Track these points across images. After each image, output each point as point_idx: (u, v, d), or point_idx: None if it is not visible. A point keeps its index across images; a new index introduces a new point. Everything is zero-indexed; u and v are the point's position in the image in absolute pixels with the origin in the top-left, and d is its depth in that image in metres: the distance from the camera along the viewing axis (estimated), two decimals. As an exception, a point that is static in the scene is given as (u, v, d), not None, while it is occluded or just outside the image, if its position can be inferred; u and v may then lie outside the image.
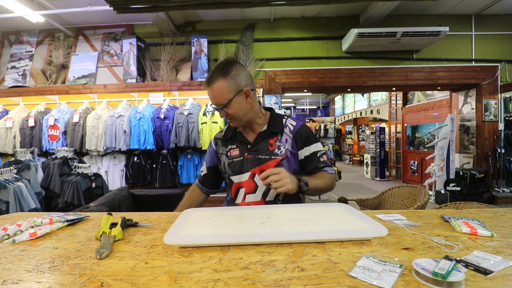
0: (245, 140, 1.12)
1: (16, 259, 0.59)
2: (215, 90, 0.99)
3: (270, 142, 1.09)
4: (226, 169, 1.12)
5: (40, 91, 4.18)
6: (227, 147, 1.14)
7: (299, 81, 4.30)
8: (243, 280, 0.49)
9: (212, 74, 1.00)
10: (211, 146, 1.22)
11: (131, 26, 4.54)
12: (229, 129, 1.17)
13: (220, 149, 1.16)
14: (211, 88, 1.00)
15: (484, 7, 4.16)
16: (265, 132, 1.10)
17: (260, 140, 1.10)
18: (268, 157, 1.06)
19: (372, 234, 0.67)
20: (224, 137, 1.17)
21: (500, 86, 4.29)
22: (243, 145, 1.11)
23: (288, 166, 1.07)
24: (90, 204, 1.77)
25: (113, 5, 3.15)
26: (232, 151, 1.12)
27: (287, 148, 1.08)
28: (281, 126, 1.12)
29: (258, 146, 1.09)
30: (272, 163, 1.06)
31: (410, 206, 1.96)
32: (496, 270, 0.51)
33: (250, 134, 1.13)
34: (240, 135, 1.13)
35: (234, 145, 1.12)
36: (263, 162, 1.06)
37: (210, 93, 1.01)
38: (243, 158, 1.09)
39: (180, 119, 3.71)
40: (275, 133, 1.10)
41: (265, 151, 1.08)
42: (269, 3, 3.20)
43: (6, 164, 2.87)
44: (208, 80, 1.00)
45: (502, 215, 0.89)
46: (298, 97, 12.40)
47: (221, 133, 1.21)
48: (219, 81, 0.98)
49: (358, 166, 10.28)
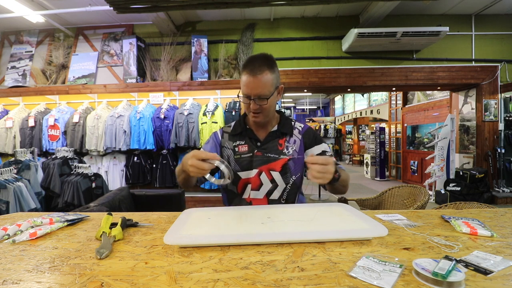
0: (256, 137, 1.12)
1: (16, 259, 0.59)
2: (261, 81, 0.98)
3: (280, 142, 1.11)
4: (233, 164, 1.11)
5: (40, 91, 4.18)
6: (234, 142, 1.14)
7: (299, 81, 4.30)
8: (243, 280, 0.49)
9: (256, 64, 0.98)
10: (217, 137, 1.19)
11: (131, 26, 4.54)
12: (238, 125, 1.17)
13: (226, 142, 1.16)
14: (256, 78, 0.97)
15: (484, 7, 4.16)
16: (276, 132, 1.12)
17: (270, 139, 1.11)
18: (277, 156, 1.08)
19: (372, 234, 0.67)
20: (233, 131, 1.16)
21: (500, 86, 4.29)
22: (253, 142, 1.11)
23: (293, 167, 1.08)
24: (90, 204, 1.77)
25: (113, 5, 3.15)
26: (241, 147, 1.12)
27: (294, 149, 1.10)
28: (291, 128, 1.14)
29: (267, 144, 1.10)
30: (280, 162, 1.07)
31: (410, 206, 1.96)
32: (496, 270, 0.51)
33: (261, 132, 1.14)
34: (250, 132, 1.14)
35: (243, 141, 1.12)
36: (271, 161, 1.07)
37: (254, 82, 0.97)
38: (252, 154, 1.09)
39: (180, 119, 3.71)
40: (285, 134, 1.12)
41: (274, 150, 1.09)
42: (269, 3, 3.20)
43: (6, 164, 2.87)
44: (253, 68, 0.97)
45: (502, 215, 0.89)
46: (298, 97, 12.40)
47: (229, 127, 1.20)
48: (266, 74, 0.98)
49: (358, 166, 10.27)
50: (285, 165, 1.07)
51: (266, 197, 1.07)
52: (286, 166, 1.07)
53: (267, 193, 1.07)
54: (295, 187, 1.10)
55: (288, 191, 1.08)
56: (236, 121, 1.20)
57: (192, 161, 0.82)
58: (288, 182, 1.08)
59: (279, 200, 1.07)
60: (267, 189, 1.07)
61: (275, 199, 1.07)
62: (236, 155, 1.11)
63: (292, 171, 1.08)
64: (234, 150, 1.12)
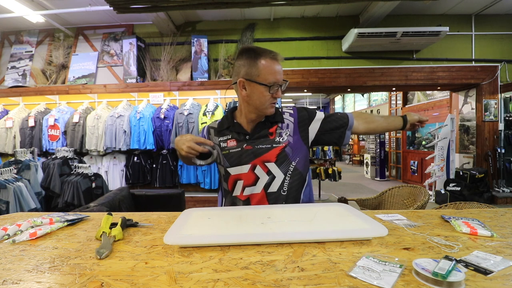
0: (243, 130, 1.08)
1: (16, 259, 0.59)
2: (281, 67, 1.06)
3: (270, 131, 1.06)
4: (222, 161, 1.08)
5: (40, 91, 4.19)
6: (220, 137, 1.10)
7: (299, 81, 4.30)
8: (243, 280, 0.49)
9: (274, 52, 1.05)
10: (203, 134, 1.17)
11: (131, 26, 4.54)
12: (225, 120, 1.14)
13: (213, 138, 1.12)
14: (280, 65, 1.05)
15: (484, 7, 4.16)
16: (264, 123, 1.08)
17: (258, 130, 1.07)
18: (269, 146, 1.03)
19: (372, 234, 0.67)
20: (220, 127, 1.13)
21: (500, 86, 4.29)
22: (240, 136, 1.07)
23: (292, 153, 1.04)
24: (90, 204, 1.77)
25: (113, 5, 3.15)
26: (229, 141, 1.08)
27: (289, 134, 1.06)
28: (280, 115, 1.11)
29: (256, 136, 1.06)
30: (274, 152, 1.03)
31: (410, 206, 1.97)
32: (496, 270, 0.51)
33: (249, 125, 1.09)
34: (238, 126, 1.09)
35: (229, 135, 1.09)
36: (264, 152, 1.03)
37: (280, 69, 1.06)
38: (241, 149, 1.05)
39: (180, 119, 3.71)
40: (275, 122, 1.08)
41: (265, 140, 1.05)
42: (269, 3, 3.20)
43: (6, 164, 2.87)
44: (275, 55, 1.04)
45: (502, 215, 0.89)
46: (298, 97, 12.39)
47: (215, 122, 1.17)
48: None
49: (358, 166, 10.28)
50: (280, 154, 1.02)
51: (264, 191, 1.02)
52: (282, 154, 1.03)
53: (265, 186, 1.02)
54: (297, 173, 1.04)
55: (288, 181, 1.03)
56: (224, 116, 1.16)
57: (190, 143, 0.93)
58: (287, 171, 1.03)
59: (279, 192, 1.02)
60: (264, 182, 1.02)
61: (274, 191, 1.02)
62: (224, 150, 1.07)
63: (291, 157, 1.03)
64: (221, 145, 1.08)
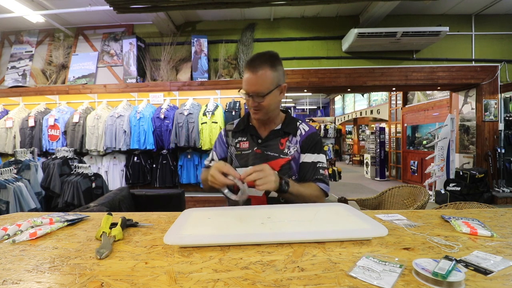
0: (257, 134, 1.12)
1: (16, 259, 0.59)
2: (259, 77, 0.99)
3: (281, 141, 1.09)
4: (233, 161, 1.12)
5: (40, 91, 4.19)
6: (236, 138, 1.14)
7: (299, 81, 4.30)
8: (243, 280, 0.49)
9: (257, 61, 0.99)
10: (221, 137, 1.21)
11: (131, 26, 4.54)
12: (242, 122, 1.18)
13: (230, 140, 1.17)
14: (255, 75, 0.98)
15: (484, 7, 4.16)
16: (278, 131, 1.11)
17: (271, 137, 1.10)
18: (277, 155, 1.07)
19: (372, 234, 0.67)
20: (236, 128, 1.17)
21: (500, 86, 4.29)
22: (254, 139, 1.11)
23: (295, 167, 1.08)
24: (90, 204, 1.77)
25: (113, 5, 3.15)
26: (242, 143, 1.12)
27: (296, 150, 1.09)
28: (295, 128, 1.12)
29: (268, 142, 1.09)
30: (280, 162, 1.06)
31: (410, 206, 1.97)
32: (496, 270, 0.51)
33: (263, 130, 1.13)
34: (252, 129, 1.13)
35: (245, 137, 1.13)
36: (271, 159, 1.06)
37: (252, 79, 0.99)
38: (251, 151, 1.09)
39: (180, 119, 3.71)
40: (288, 133, 1.10)
41: (275, 148, 1.08)
42: (269, 3, 3.20)
43: (6, 164, 2.86)
44: (253, 65, 0.99)
45: (502, 215, 0.89)
46: (298, 97, 12.40)
47: (232, 125, 1.21)
48: (266, 70, 0.99)
49: (358, 166, 10.27)
50: (285, 165, 1.06)
51: (265, 195, 1.06)
52: (286, 166, 1.06)
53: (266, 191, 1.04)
54: None
55: None
56: (241, 118, 1.21)
57: (214, 172, 0.88)
58: None
59: (278, 198, 1.05)
60: None
61: (274, 197, 1.05)
62: (237, 151, 1.12)
63: (293, 171, 1.07)
64: (236, 146, 1.13)
